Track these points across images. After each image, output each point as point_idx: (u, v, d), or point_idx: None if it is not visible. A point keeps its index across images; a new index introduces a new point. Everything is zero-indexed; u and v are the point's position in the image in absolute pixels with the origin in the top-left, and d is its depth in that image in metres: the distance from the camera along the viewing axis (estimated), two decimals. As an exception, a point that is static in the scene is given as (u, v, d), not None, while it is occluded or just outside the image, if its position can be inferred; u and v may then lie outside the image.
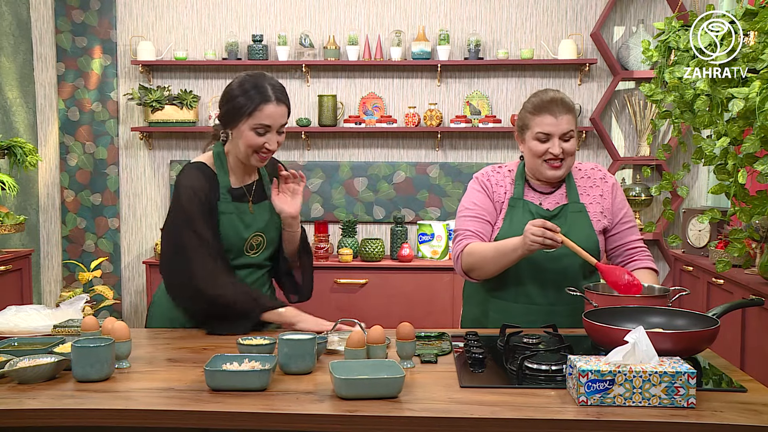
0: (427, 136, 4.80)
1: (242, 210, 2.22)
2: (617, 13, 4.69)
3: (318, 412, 1.52)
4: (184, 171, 2.20)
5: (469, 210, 2.34)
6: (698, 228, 3.94)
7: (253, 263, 2.27)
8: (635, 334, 1.59)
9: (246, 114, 2.12)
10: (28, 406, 1.56)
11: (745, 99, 2.49)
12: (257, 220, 2.24)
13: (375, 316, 4.14)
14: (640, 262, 2.35)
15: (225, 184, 2.20)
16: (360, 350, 1.77)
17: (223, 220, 2.18)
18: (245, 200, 2.24)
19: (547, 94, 2.27)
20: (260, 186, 2.30)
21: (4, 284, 3.89)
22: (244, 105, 2.12)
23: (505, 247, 2.17)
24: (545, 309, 2.26)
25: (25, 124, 4.70)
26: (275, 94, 2.14)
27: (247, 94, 2.12)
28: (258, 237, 2.24)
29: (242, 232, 2.21)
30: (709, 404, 1.54)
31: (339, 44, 4.71)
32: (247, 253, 2.24)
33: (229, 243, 2.20)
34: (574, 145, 2.26)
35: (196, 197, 2.14)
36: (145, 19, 4.82)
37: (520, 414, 1.50)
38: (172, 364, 1.86)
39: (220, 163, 2.22)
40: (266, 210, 2.27)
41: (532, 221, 2.09)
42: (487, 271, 2.25)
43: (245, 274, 2.27)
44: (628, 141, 4.76)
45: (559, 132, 2.23)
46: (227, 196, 2.20)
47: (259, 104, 2.12)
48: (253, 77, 2.16)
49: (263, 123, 2.13)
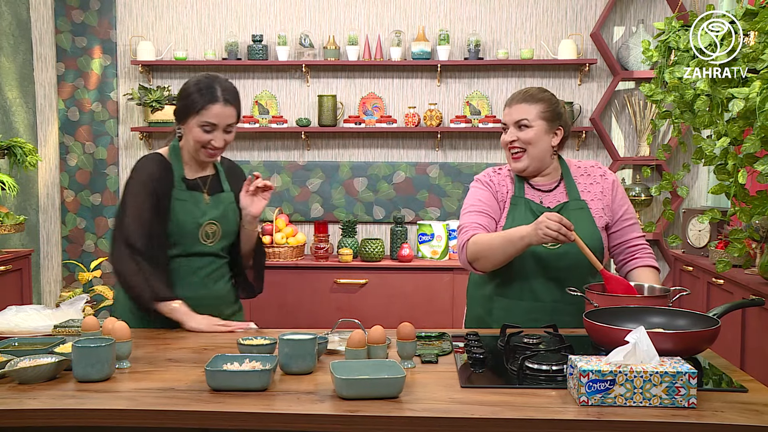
0: (426, 136, 4.80)
1: (197, 198, 2.36)
2: (617, 13, 4.69)
3: (319, 412, 1.52)
4: (141, 159, 2.37)
5: (474, 206, 2.35)
6: (698, 228, 3.94)
7: (211, 252, 2.38)
8: (636, 334, 1.59)
9: (194, 111, 2.28)
10: (28, 406, 1.56)
11: (745, 99, 2.49)
12: (212, 210, 2.37)
13: (375, 316, 4.14)
14: (641, 259, 2.35)
15: (179, 173, 2.35)
16: (360, 350, 1.77)
17: (177, 206, 2.32)
18: (200, 190, 2.38)
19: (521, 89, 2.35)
20: (216, 180, 2.43)
21: (4, 284, 3.89)
22: (194, 103, 2.28)
23: (513, 234, 2.16)
24: (550, 306, 2.26)
25: (25, 124, 4.70)
26: (223, 96, 2.29)
27: (198, 93, 2.28)
28: (213, 225, 2.36)
29: (197, 219, 2.34)
30: (710, 404, 1.54)
31: (339, 44, 4.71)
32: (204, 241, 2.36)
33: (184, 227, 2.32)
34: (529, 134, 2.28)
35: (140, 182, 2.29)
36: (145, 19, 4.81)
37: (520, 414, 1.50)
38: (173, 364, 1.86)
39: (176, 155, 2.37)
40: (222, 203, 2.40)
41: (548, 213, 2.09)
42: (492, 260, 2.23)
43: (206, 263, 2.37)
44: (628, 141, 4.76)
45: (512, 120, 2.30)
46: (182, 184, 2.35)
47: (207, 103, 2.27)
48: (208, 78, 2.32)
49: (209, 121, 2.28)
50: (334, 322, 2.14)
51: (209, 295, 2.38)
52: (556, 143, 2.32)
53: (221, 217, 2.37)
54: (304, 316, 4.40)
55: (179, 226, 2.31)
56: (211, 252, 2.37)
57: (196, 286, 2.35)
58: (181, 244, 2.33)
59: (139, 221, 2.26)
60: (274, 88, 4.82)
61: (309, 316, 4.39)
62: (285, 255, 4.51)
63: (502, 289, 2.33)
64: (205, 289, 2.37)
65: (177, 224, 2.31)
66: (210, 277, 2.38)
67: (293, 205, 4.83)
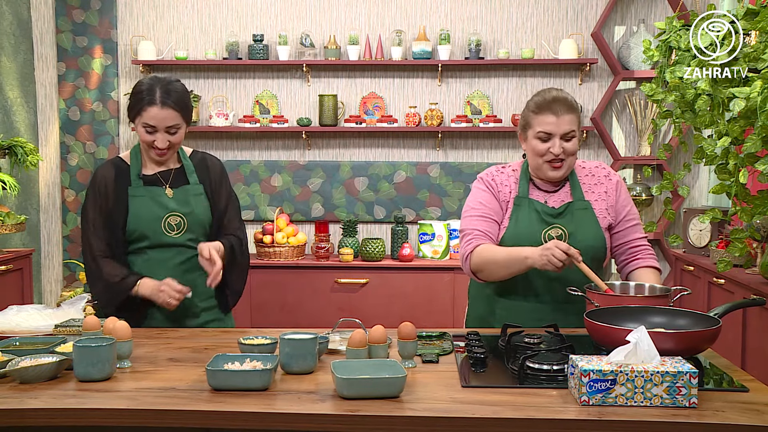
0: (427, 135, 4.79)
1: (156, 193, 2.40)
2: (618, 12, 4.69)
3: (320, 411, 1.52)
4: (99, 165, 2.48)
5: (476, 209, 2.33)
6: (699, 228, 3.94)
7: (177, 243, 2.40)
8: (637, 334, 1.59)
9: (136, 112, 2.34)
10: (29, 405, 1.56)
11: (746, 99, 2.49)
12: (174, 202, 2.41)
13: (375, 316, 4.14)
14: (643, 260, 2.34)
15: (136, 171, 2.41)
16: (361, 350, 1.77)
17: (134, 202, 2.38)
18: (160, 185, 2.42)
19: (550, 93, 2.27)
20: (181, 173, 2.47)
21: (4, 284, 3.89)
22: (135, 104, 2.34)
23: (518, 254, 2.16)
24: (553, 307, 2.26)
25: (26, 124, 4.70)
26: (161, 98, 2.31)
27: (140, 94, 2.32)
28: (176, 217, 2.40)
29: (157, 212, 2.38)
30: (711, 404, 1.54)
31: (340, 44, 4.71)
32: (168, 232, 2.39)
33: (143, 223, 2.37)
34: (575, 145, 2.26)
35: (91, 190, 2.40)
36: (146, 18, 4.82)
37: (521, 414, 1.50)
38: (174, 364, 1.86)
39: (135, 155, 2.44)
40: (187, 194, 2.44)
41: (557, 242, 2.08)
42: (496, 274, 2.24)
43: (173, 254, 2.40)
44: (628, 141, 4.76)
45: (560, 132, 2.23)
46: (138, 181, 2.40)
47: (145, 105, 2.31)
48: (151, 80, 2.34)
49: (149, 123, 2.32)
50: (334, 322, 2.14)
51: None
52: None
53: (185, 209, 2.41)
54: (305, 316, 4.40)
55: (138, 220, 2.36)
56: (178, 243, 2.40)
57: (164, 276, 2.36)
58: (147, 237, 2.38)
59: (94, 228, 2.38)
60: (274, 87, 4.82)
61: (309, 316, 4.39)
62: (286, 255, 4.51)
63: (505, 290, 2.32)
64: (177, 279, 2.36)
65: (136, 218, 2.36)
66: (179, 268, 2.40)
67: (294, 205, 4.83)
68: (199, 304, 2.42)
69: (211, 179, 2.50)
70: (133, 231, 2.37)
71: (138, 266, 2.38)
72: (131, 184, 2.39)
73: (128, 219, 2.36)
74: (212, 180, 2.50)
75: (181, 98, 2.36)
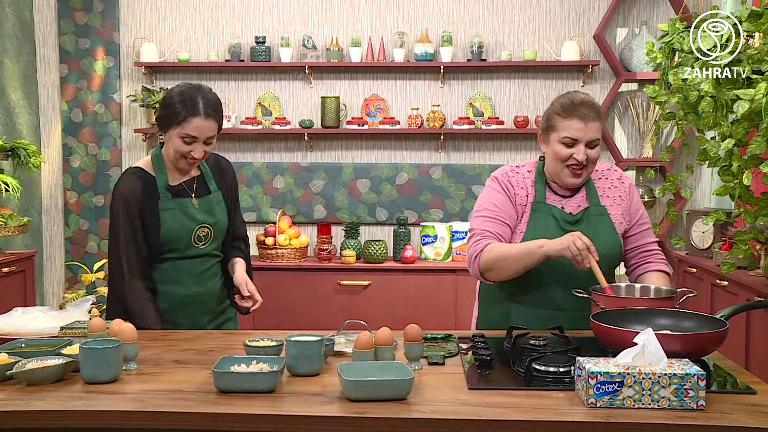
0: (429, 137, 4.80)
1: (185, 205, 2.37)
2: (620, 14, 4.69)
3: (327, 413, 1.52)
4: (121, 177, 2.38)
5: (489, 211, 2.26)
6: (702, 229, 3.94)
7: (203, 253, 2.42)
8: (644, 336, 1.58)
9: (176, 123, 2.27)
10: (37, 407, 1.56)
11: (750, 100, 2.48)
12: (202, 213, 2.40)
13: (378, 318, 4.13)
14: (653, 264, 2.32)
15: (163, 183, 2.36)
16: (368, 352, 1.77)
17: (165, 216, 2.34)
18: (186, 195, 2.39)
19: (577, 96, 2.19)
20: (202, 181, 2.44)
21: (7, 286, 3.89)
22: (176, 114, 2.27)
23: (532, 244, 2.11)
24: (572, 315, 2.19)
25: (28, 126, 4.71)
26: (205, 109, 2.28)
27: (181, 104, 2.27)
28: (204, 228, 2.40)
29: (188, 224, 2.36)
30: (719, 406, 1.54)
31: (342, 46, 4.71)
32: (196, 244, 2.39)
33: (175, 236, 2.35)
34: (598, 152, 2.21)
35: (122, 202, 2.32)
36: (148, 20, 4.82)
37: (529, 416, 1.50)
38: (179, 366, 1.86)
39: (158, 164, 2.37)
40: (210, 203, 2.43)
41: (581, 234, 2.05)
42: (507, 271, 2.17)
43: (198, 263, 2.42)
44: (631, 143, 4.76)
45: (587, 139, 2.17)
46: (167, 194, 2.36)
47: (188, 116, 2.26)
48: (191, 89, 2.31)
49: (190, 134, 2.28)
50: (337, 324, 2.14)
51: (202, 293, 2.43)
52: None
53: (211, 219, 2.41)
54: (307, 318, 4.40)
55: (171, 234, 2.34)
56: (203, 253, 2.42)
57: (189, 284, 2.40)
58: (175, 249, 2.37)
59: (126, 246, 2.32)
60: (277, 89, 4.82)
61: (312, 318, 4.39)
62: (288, 256, 4.50)
63: (520, 296, 2.27)
64: (198, 287, 2.42)
65: (168, 232, 2.34)
66: (203, 276, 2.43)
67: (296, 207, 4.83)
68: (217, 308, 2.48)
69: (226, 184, 2.51)
70: (164, 244, 2.35)
71: (162, 273, 2.38)
72: (160, 197, 2.35)
73: (161, 233, 2.34)
74: (228, 185, 2.51)
75: (220, 108, 2.35)
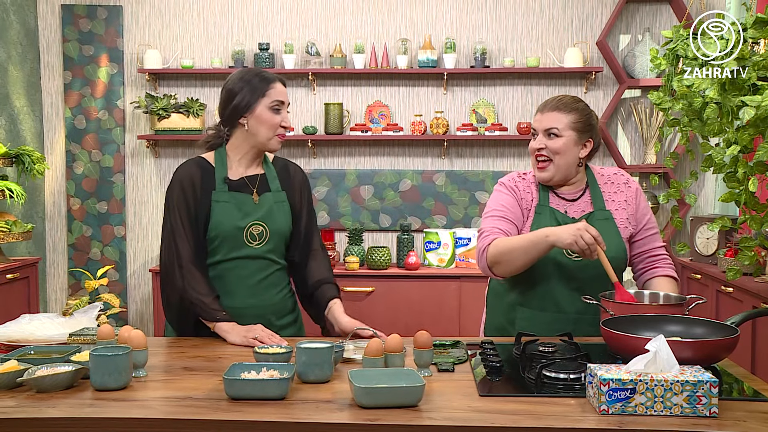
0: (433, 144, 4.80)
1: (240, 199, 2.28)
2: (623, 21, 4.70)
3: (339, 420, 1.51)
4: (181, 164, 2.32)
5: (498, 211, 2.30)
6: (706, 236, 3.94)
7: (260, 255, 2.29)
8: (656, 343, 1.58)
9: (261, 95, 2.25)
10: (48, 414, 1.55)
11: (756, 107, 2.49)
12: (259, 210, 2.28)
13: (382, 325, 4.09)
14: (661, 269, 2.33)
15: (222, 175, 2.29)
16: (378, 359, 1.77)
17: (216, 208, 2.25)
18: (246, 191, 2.30)
19: (556, 97, 2.30)
20: (264, 179, 2.35)
21: (11, 292, 3.88)
22: (256, 88, 2.26)
23: (537, 234, 2.11)
24: (573, 318, 2.23)
25: (32, 133, 4.71)
26: (278, 77, 2.31)
27: (258, 78, 2.27)
28: (258, 226, 2.27)
29: (238, 221, 2.25)
30: (732, 413, 1.53)
31: (345, 52, 4.72)
32: (249, 243, 2.27)
33: (225, 230, 2.24)
34: (558, 143, 2.23)
35: (179, 185, 2.26)
36: (152, 27, 4.83)
37: (541, 423, 1.49)
38: (189, 373, 1.86)
39: (220, 158, 2.31)
40: (269, 201, 2.32)
41: (588, 225, 2.06)
42: (514, 263, 2.17)
43: (256, 269, 2.29)
44: (634, 149, 4.77)
45: (542, 127, 2.25)
46: (224, 186, 2.27)
47: (270, 83, 2.28)
48: (248, 70, 2.31)
49: (278, 99, 2.27)
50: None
51: (257, 305, 2.29)
52: (584, 155, 2.27)
53: (267, 217, 2.29)
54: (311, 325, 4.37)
55: (220, 229, 2.24)
56: (260, 255, 2.28)
57: (243, 295, 2.27)
58: (225, 247, 2.25)
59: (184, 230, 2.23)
60: (280, 96, 4.82)
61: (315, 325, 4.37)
62: (292, 263, 4.50)
63: (525, 299, 2.29)
64: (254, 298, 2.29)
65: (218, 227, 2.24)
66: (260, 285, 2.30)
67: (299, 213, 4.82)
68: (276, 322, 2.32)
69: (293, 187, 2.39)
70: (213, 238, 2.25)
71: (213, 282, 2.26)
72: (215, 188, 2.26)
73: (210, 225, 2.24)
74: (294, 188, 2.39)
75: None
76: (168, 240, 2.26)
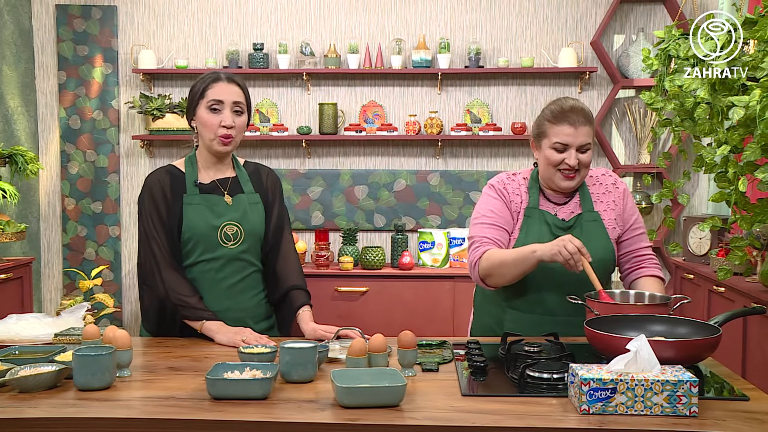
0: (427, 144, 4.80)
1: (213, 201, 2.29)
2: (617, 21, 4.70)
3: (320, 420, 1.52)
4: (151, 172, 2.37)
5: (487, 217, 2.29)
6: (699, 236, 3.94)
7: (236, 257, 2.29)
8: (637, 343, 1.58)
9: (199, 96, 2.27)
10: (29, 414, 1.55)
11: (745, 107, 2.49)
12: (232, 211, 2.30)
13: (375, 324, 4.14)
14: (647, 269, 2.33)
15: (192, 179, 2.31)
16: (361, 359, 1.77)
17: (188, 210, 2.27)
18: (218, 193, 2.31)
19: (567, 102, 2.23)
20: (236, 182, 2.37)
21: (4, 292, 3.88)
22: (197, 88, 2.28)
23: (525, 249, 2.12)
24: (562, 320, 2.21)
25: (27, 133, 4.71)
26: (226, 75, 2.29)
27: (201, 81, 2.29)
28: (233, 226, 2.28)
29: (212, 221, 2.27)
30: (712, 413, 1.53)
31: (339, 52, 4.72)
32: (224, 243, 2.28)
33: (197, 231, 2.26)
34: (590, 156, 2.23)
35: (148, 192, 2.29)
36: (147, 27, 4.83)
37: (522, 423, 1.49)
38: (173, 373, 1.86)
39: (190, 163, 2.33)
40: (243, 203, 2.33)
41: (572, 237, 2.05)
42: (506, 276, 2.18)
43: (231, 271, 2.29)
44: (628, 149, 4.77)
45: (577, 143, 2.20)
46: (194, 189, 2.29)
47: (210, 83, 2.27)
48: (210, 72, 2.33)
49: (215, 98, 2.25)
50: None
51: (234, 307, 2.29)
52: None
53: (241, 218, 2.30)
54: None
55: (193, 230, 2.25)
56: (235, 256, 2.28)
57: (219, 296, 2.27)
58: (199, 248, 2.26)
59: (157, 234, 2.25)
60: (274, 96, 4.83)
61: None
62: (286, 263, 4.50)
63: (514, 301, 2.29)
64: (230, 300, 2.29)
65: (191, 228, 2.25)
66: (235, 288, 2.30)
67: (294, 213, 4.83)
68: (253, 327, 2.26)
69: (266, 188, 2.41)
70: (187, 240, 2.26)
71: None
72: (186, 191, 2.28)
73: (183, 228, 2.25)
74: (267, 189, 2.41)
75: (245, 85, 2.33)
76: (144, 247, 2.27)
